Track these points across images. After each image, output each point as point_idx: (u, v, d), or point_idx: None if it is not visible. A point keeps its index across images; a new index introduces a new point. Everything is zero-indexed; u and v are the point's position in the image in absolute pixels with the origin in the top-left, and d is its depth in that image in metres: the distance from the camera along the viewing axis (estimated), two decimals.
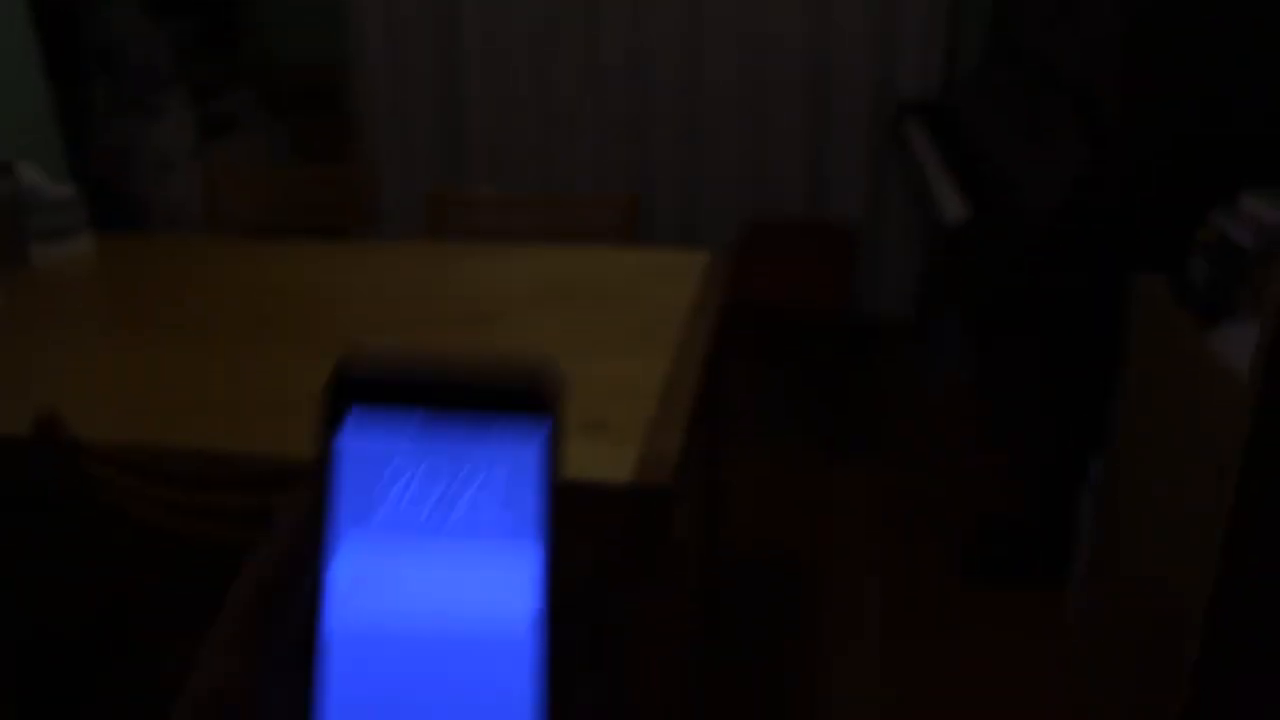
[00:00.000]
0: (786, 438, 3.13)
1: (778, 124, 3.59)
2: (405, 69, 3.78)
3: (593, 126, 3.71)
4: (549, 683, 0.36)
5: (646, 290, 1.86)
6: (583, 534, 0.39)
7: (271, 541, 0.36)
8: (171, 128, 3.24)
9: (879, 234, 3.65)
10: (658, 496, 1.28)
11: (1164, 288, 1.83)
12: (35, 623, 1.82)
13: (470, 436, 0.37)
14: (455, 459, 0.37)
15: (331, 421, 0.37)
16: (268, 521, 0.37)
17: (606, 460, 1.33)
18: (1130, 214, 2.04)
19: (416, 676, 0.36)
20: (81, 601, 1.67)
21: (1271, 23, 1.92)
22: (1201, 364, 1.61)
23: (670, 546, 1.34)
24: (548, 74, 3.68)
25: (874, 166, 3.59)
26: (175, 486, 1.33)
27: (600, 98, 3.67)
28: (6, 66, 2.79)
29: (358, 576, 0.36)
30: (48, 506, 1.46)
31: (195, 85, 3.37)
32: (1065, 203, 2.06)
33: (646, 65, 3.61)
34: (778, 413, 3.28)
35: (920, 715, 2.09)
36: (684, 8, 3.54)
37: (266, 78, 3.94)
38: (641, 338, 1.69)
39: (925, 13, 3.38)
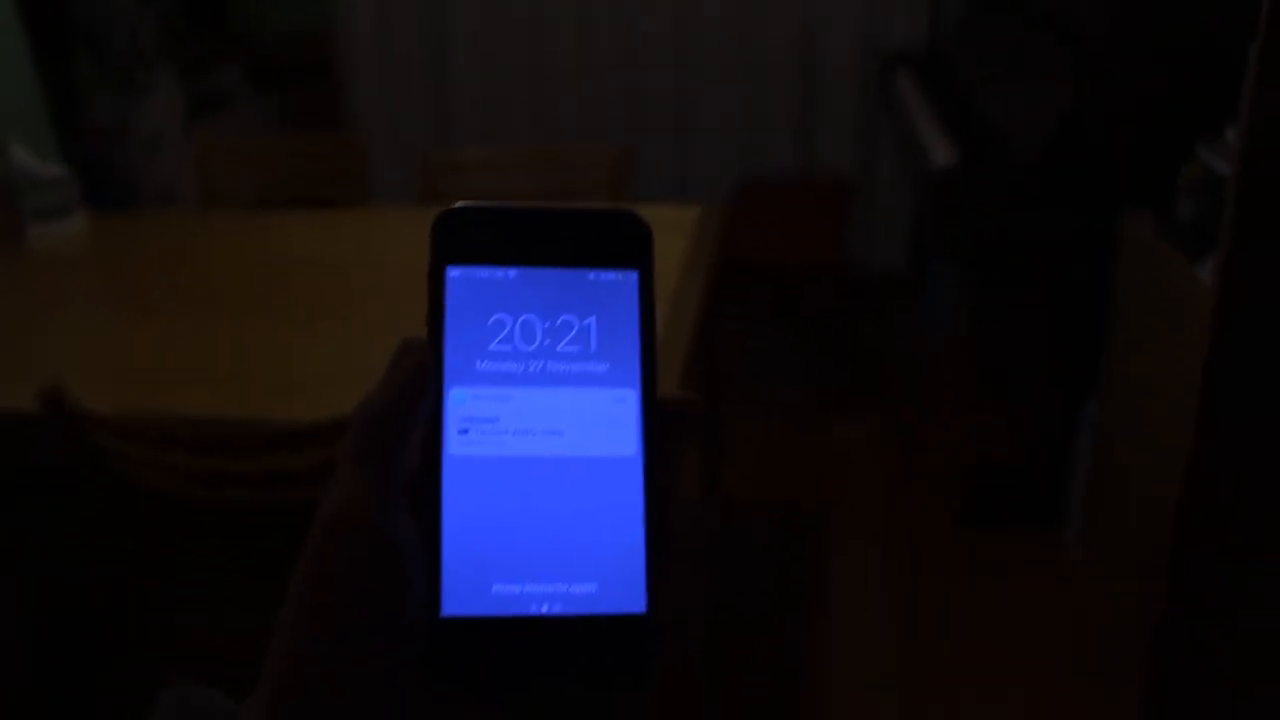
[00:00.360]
0: (785, 392, 3.15)
1: (767, 79, 3.58)
2: (392, 34, 3.76)
3: (582, 88, 3.70)
4: (651, 507, 0.38)
5: None
6: None
7: (387, 383, 0.37)
8: (160, 105, 3.23)
9: (871, 187, 3.66)
10: None
11: (1149, 224, 1.84)
12: (47, 595, 1.84)
13: (565, 287, 0.39)
14: (551, 310, 0.39)
15: (435, 275, 0.39)
16: (392, 362, 0.38)
17: None
18: (1118, 153, 2.04)
19: (527, 501, 0.37)
20: (92, 573, 1.69)
21: None
22: (1190, 297, 1.63)
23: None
24: (537, 33, 3.67)
25: (864, 119, 3.59)
26: (182, 453, 1.35)
27: (589, 58, 3.66)
28: None
29: (467, 418, 0.38)
30: (55, 480, 1.48)
31: (183, 62, 3.36)
32: (1052, 143, 2.06)
33: (635, 23, 3.60)
34: (775, 368, 3.30)
35: (924, 657, 2.12)
36: None
37: (254, 51, 3.92)
38: None
39: None
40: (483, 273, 0.39)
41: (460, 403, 0.38)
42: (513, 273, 0.39)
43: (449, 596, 0.36)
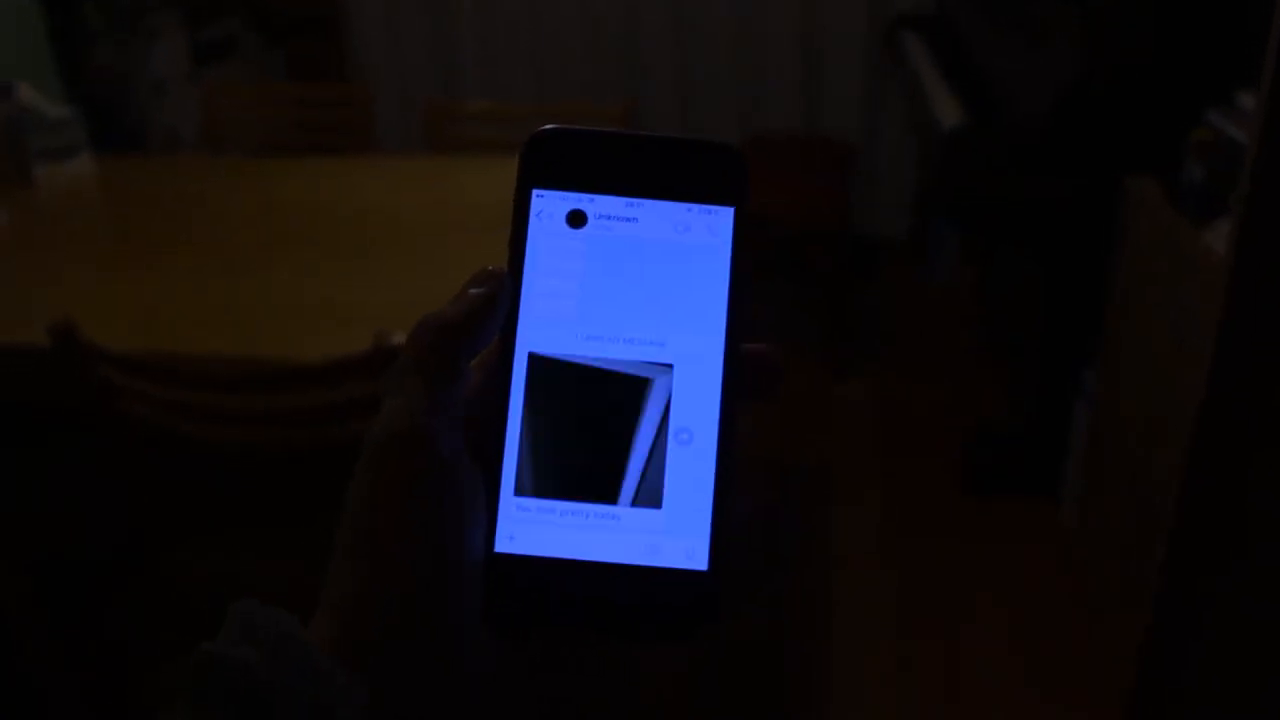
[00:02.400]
0: (786, 354, 3.15)
1: (773, 40, 3.56)
2: None
3: (585, 43, 3.68)
4: (723, 459, 0.37)
5: None
6: None
7: (456, 302, 0.36)
8: (166, 51, 3.22)
9: (877, 150, 3.65)
10: None
11: (1156, 188, 1.84)
12: (54, 531, 1.85)
13: (657, 216, 0.37)
14: (642, 239, 0.37)
15: (521, 198, 0.37)
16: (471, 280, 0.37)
17: None
18: (1124, 116, 2.04)
19: (597, 429, 0.36)
20: (99, 511, 1.70)
21: None
22: (1197, 262, 1.63)
23: None
24: None
25: (871, 82, 3.57)
26: (189, 390, 1.36)
27: (594, 12, 3.64)
28: None
29: (547, 341, 0.37)
30: (64, 416, 1.49)
31: (188, 8, 3.34)
32: (1060, 106, 2.06)
33: None
34: (777, 329, 3.31)
35: (922, 619, 2.14)
36: None
37: (259, 2, 3.89)
38: None
39: None
40: (570, 198, 0.37)
41: (532, 328, 0.37)
42: (604, 195, 0.37)
43: (504, 531, 0.35)
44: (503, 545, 0.35)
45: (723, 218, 0.37)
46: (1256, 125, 1.11)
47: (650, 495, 0.36)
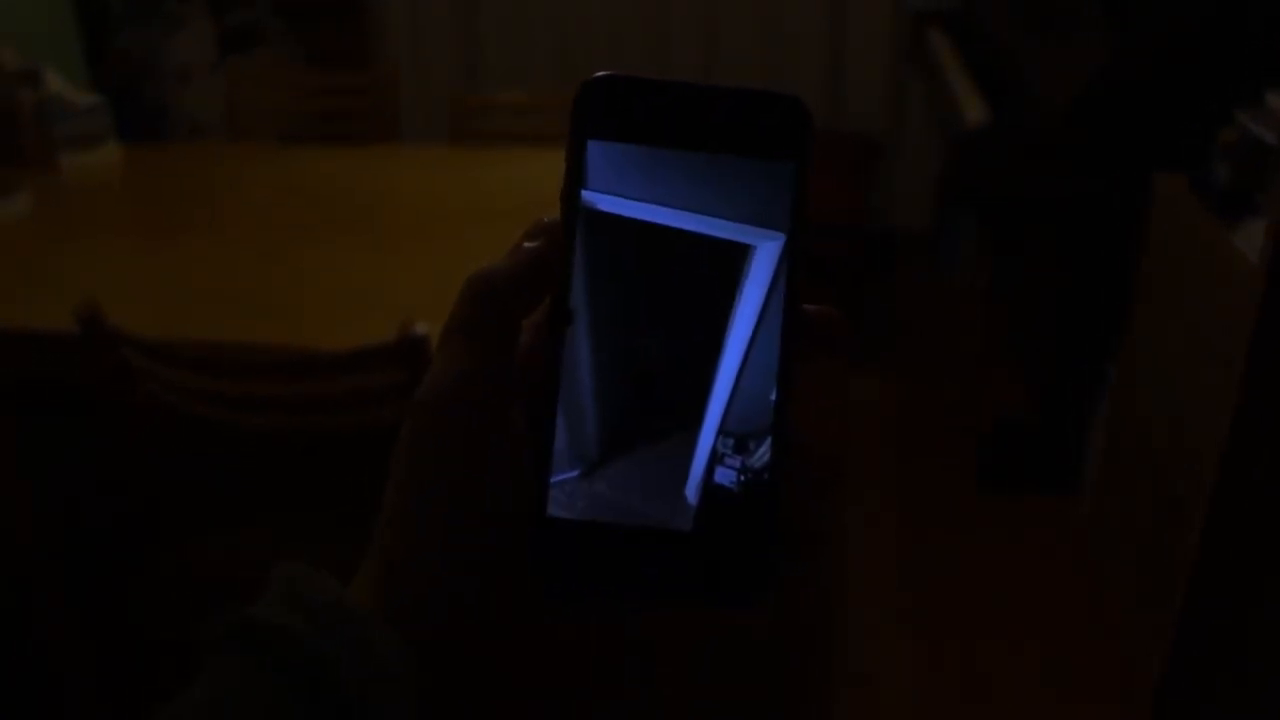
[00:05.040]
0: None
1: (798, 35, 3.55)
2: None
3: (608, 33, 3.68)
4: (779, 426, 0.36)
5: None
6: None
7: (507, 259, 0.35)
8: (191, 38, 3.23)
9: (900, 146, 3.64)
10: None
11: (1183, 187, 1.83)
12: (76, 513, 1.87)
13: (715, 171, 0.36)
14: (698, 194, 0.36)
15: (576, 149, 0.36)
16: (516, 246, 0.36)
17: None
18: (1150, 114, 2.03)
19: (648, 391, 0.35)
20: (119, 492, 1.72)
21: None
22: (1223, 262, 1.62)
23: None
24: None
25: (894, 78, 3.56)
26: (210, 376, 1.37)
27: (617, 4, 3.64)
28: None
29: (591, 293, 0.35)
30: (88, 399, 1.50)
31: None
32: (1084, 103, 2.05)
33: None
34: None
35: (938, 616, 2.14)
36: None
37: None
38: None
39: None
40: (627, 151, 0.35)
41: (594, 296, 0.35)
42: (659, 153, 0.35)
43: (557, 496, 0.34)
44: (555, 509, 0.34)
45: (785, 173, 0.36)
46: None
47: (702, 460, 0.35)
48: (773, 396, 0.36)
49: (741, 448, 0.36)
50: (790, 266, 0.36)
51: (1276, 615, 1.46)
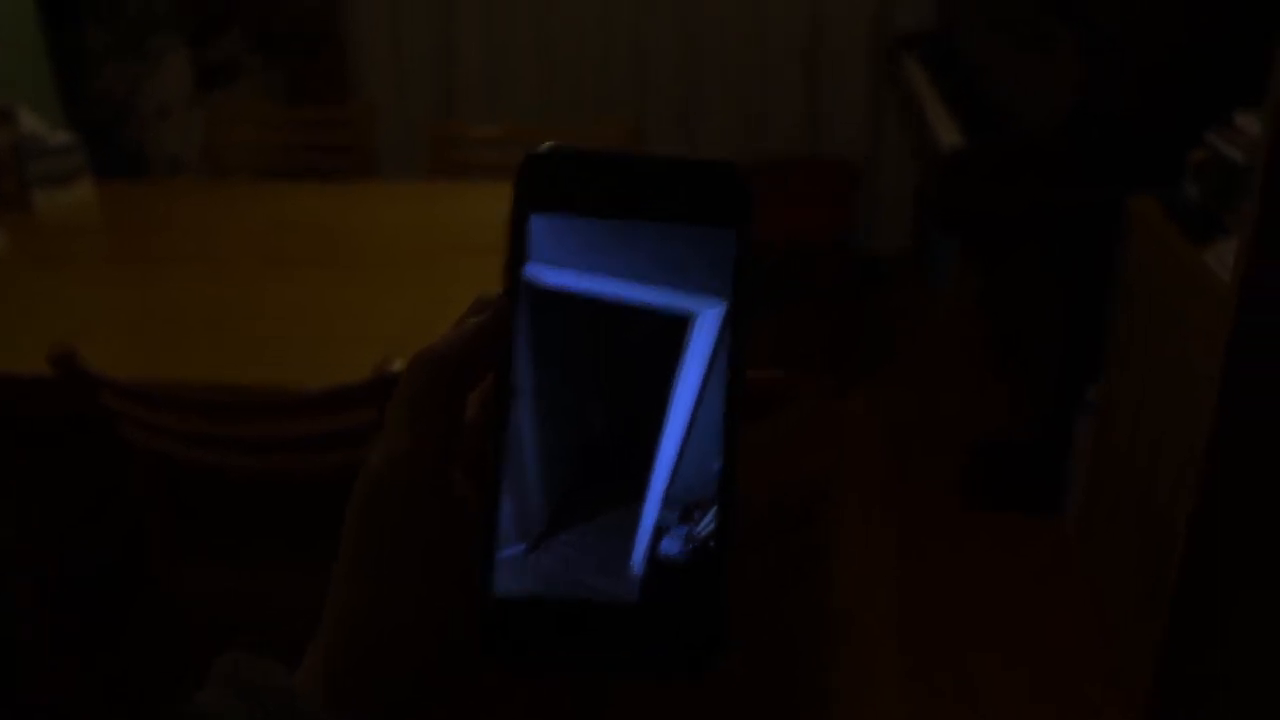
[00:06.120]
0: (790, 370, 3.15)
1: (775, 59, 3.58)
2: (399, 7, 3.76)
3: (588, 64, 3.70)
4: (725, 496, 0.36)
5: None
6: None
7: (453, 333, 0.35)
8: (168, 75, 3.23)
9: (878, 169, 3.66)
10: None
11: (1156, 207, 1.85)
12: (56, 556, 1.85)
13: (656, 241, 0.36)
14: (641, 264, 0.36)
15: (518, 224, 0.36)
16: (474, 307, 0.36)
17: None
18: (1123, 136, 2.04)
19: (591, 467, 0.35)
20: (100, 535, 1.70)
21: None
22: (1196, 281, 1.63)
23: None
24: (542, 7, 3.66)
25: (872, 102, 3.59)
26: (185, 417, 1.36)
27: (596, 34, 3.66)
28: (2, 13, 2.78)
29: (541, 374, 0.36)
30: (64, 440, 1.49)
31: (191, 31, 3.35)
32: (1058, 126, 2.07)
33: (642, 1, 3.60)
34: (781, 346, 3.30)
35: (926, 632, 2.13)
36: None
37: (261, 21, 3.90)
38: None
39: None
40: (569, 222, 0.36)
41: (535, 361, 0.36)
42: (600, 224, 0.36)
43: (503, 572, 0.34)
44: (502, 585, 0.34)
45: (725, 239, 0.36)
46: (1264, 149, 1.11)
47: (644, 534, 0.35)
48: (717, 465, 0.36)
49: (687, 517, 0.36)
50: (733, 333, 0.36)
51: (1262, 628, 1.46)
